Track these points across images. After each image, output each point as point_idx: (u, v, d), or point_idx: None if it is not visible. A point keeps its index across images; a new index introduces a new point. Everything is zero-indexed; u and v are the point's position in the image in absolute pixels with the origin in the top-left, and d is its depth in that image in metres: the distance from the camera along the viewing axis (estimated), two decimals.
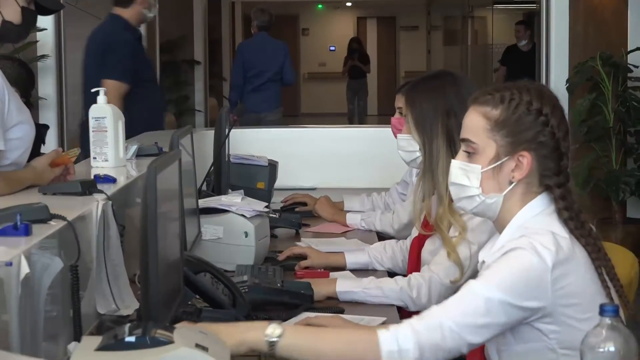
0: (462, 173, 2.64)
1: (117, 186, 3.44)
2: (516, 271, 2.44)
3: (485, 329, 2.43)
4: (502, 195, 2.60)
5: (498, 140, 2.60)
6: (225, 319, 2.88)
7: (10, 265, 2.19)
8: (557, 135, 2.59)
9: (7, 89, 3.31)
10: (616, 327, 2.02)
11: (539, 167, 2.59)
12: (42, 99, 8.53)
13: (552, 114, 2.59)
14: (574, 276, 2.48)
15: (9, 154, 3.33)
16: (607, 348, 2.00)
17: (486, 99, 2.64)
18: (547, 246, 2.46)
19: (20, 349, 2.21)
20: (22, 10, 3.37)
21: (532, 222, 2.56)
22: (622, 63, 8.26)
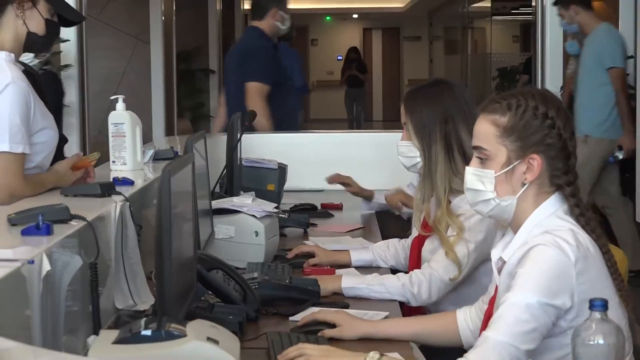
0: (477, 179, 2.63)
1: (134, 188, 3.45)
2: (545, 270, 2.42)
3: (534, 333, 2.40)
4: (516, 197, 2.58)
5: (508, 145, 2.59)
6: (236, 314, 2.89)
7: (32, 263, 2.19)
8: (564, 136, 2.59)
9: (33, 96, 3.32)
10: (605, 320, 2.02)
11: (548, 167, 2.58)
12: (65, 106, 8.55)
13: (558, 116, 2.59)
14: (593, 272, 2.47)
15: (34, 157, 3.34)
16: (596, 341, 2.00)
17: (494, 107, 2.63)
18: (568, 241, 2.45)
19: (41, 342, 2.22)
20: (46, 22, 3.38)
21: (547, 221, 2.55)
22: None
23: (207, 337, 2.06)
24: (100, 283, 2.70)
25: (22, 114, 3.23)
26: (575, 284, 2.42)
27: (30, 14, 3.34)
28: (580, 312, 2.40)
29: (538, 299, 2.40)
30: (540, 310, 2.40)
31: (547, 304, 2.40)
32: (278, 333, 2.81)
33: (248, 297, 3.06)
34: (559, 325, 2.44)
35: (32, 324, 2.21)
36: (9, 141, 3.20)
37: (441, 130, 3.43)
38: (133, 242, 3.00)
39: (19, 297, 2.17)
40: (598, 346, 1.99)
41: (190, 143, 3.46)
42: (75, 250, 2.53)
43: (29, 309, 2.20)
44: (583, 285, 2.43)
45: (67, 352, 2.34)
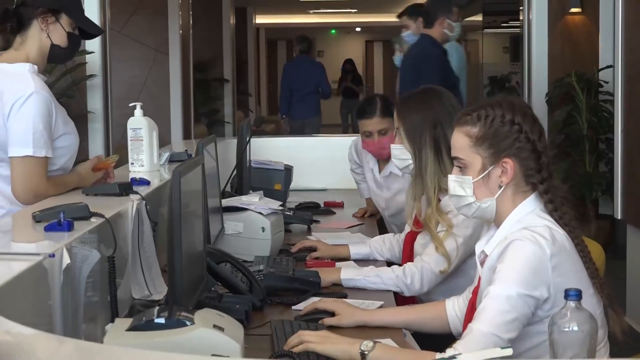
0: (458, 185, 2.64)
1: (150, 188, 3.45)
2: (522, 264, 2.42)
3: (515, 322, 2.40)
4: (494, 198, 2.59)
5: (482, 153, 2.59)
6: (243, 303, 2.89)
7: (53, 257, 2.20)
8: (532, 138, 2.59)
9: (54, 104, 3.32)
10: (579, 309, 2.02)
11: (522, 168, 2.58)
12: (90, 112, 8.56)
13: (524, 121, 2.59)
14: (568, 264, 2.47)
15: (56, 160, 3.34)
16: (571, 328, 2.00)
17: (465, 119, 2.64)
18: (544, 237, 2.45)
19: (62, 330, 2.23)
20: (68, 35, 3.38)
21: (526, 218, 2.56)
22: (594, 79, 8.28)
23: (214, 325, 2.06)
24: (118, 275, 2.71)
25: (45, 120, 3.23)
26: (552, 276, 2.42)
27: (53, 28, 3.35)
28: (556, 302, 2.39)
29: (517, 291, 2.40)
30: (520, 301, 2.40)
31: (526, 295, 2.40)
32: (281, 321, 2.82)
33: (254, 288, 3.07)
34: (537, 314, 2.44)
35: (53, 313, 2.22)
36: (32, 146, 3.20)
37: (430, 134, 3.43)
38: (149, 237, 3.01)
39: (42, 288, 2.18)
40: (573, 333, 1.99)
41: (201, 146, 3.47)
42: (94, 245, 2.54)
43: (50, 299, 2.21)
44: (559, 278, 2.43)
45: (86, 339, 2.34)
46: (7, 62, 3.34)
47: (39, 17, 3.33)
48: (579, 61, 8.62)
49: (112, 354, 1.66)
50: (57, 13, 3.35)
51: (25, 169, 3.22)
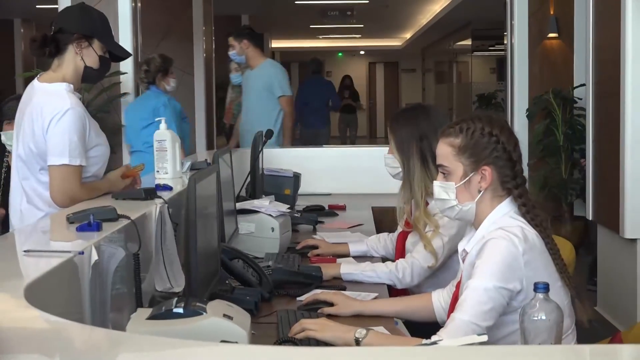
0: (442, 190, 2.64)
1: (173, 193, 3.45)
2: (498, 259, 2.42)
3: (492, 312, 2.41)
4: (474, 202, 2.59)
5: (463, 161, 2.59)
6: (253, 295, 2.89)
7: (82, 254, 2.20)
8: (508, 148, 2.59)
9: (88, 118, 3.33)
10: (547, 300, 2.02)
11: (499, 175, 2.58)
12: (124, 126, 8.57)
13: (501, 133, 2.59)
14: (538, 260, 2.47)
15: (90, 168, 3.35)
16: (540, 317, 2.00)
17: (449, 131, 2.64)
18: (517, 236, 2.44)
19: (91, 318, 2.22)
20: (100, 58, 3.39)
21: (502, 220, 2.55)
22: (569, 96, 8.26)
23: (224, 314, 2.05)
24: (143, 269, 2.70)
25: (79, 133, 3.24)
26: (524, 271, 2.42)
27: (86, 52, 3.36)
28: (528, 293, 2.38)
29: (494, 284, 2.40)
30: (496, 293, 2.40)
31: (502, 288, 2.40)
32: (286, 311, 2.81)
33: (263, 281, 3.08)
34: (511, 305, 2.44)
35: (83, 303, 2.21)
36: (68, 155, 3.21)
37: (417, 146, 3.43)
38: (170, 236, 3.00)
39: (73, 282, 2.18)
40: (541, 321, 1.99)
41: (216, 156, 3.47)
42: (121, 243, 2.54)
43: (80, 292, 2.21)
44: (530, 272, 2.42)
45: (114, 327, 2.34)
46: (47, 82, 3.36)
47: (74, 43, 3.34)
48: (555, 80, 8.62)
49: (132, 341, 1.67)
50: (90, 39, 3.36)
51: (62, 176, 3.23)
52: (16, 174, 3.36)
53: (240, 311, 2.17)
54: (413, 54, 25.18)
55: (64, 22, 3.40)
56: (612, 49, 5.53)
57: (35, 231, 2.88)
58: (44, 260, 2.14)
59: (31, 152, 3.29)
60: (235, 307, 2.18)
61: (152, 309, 2.12)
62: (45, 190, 3.27)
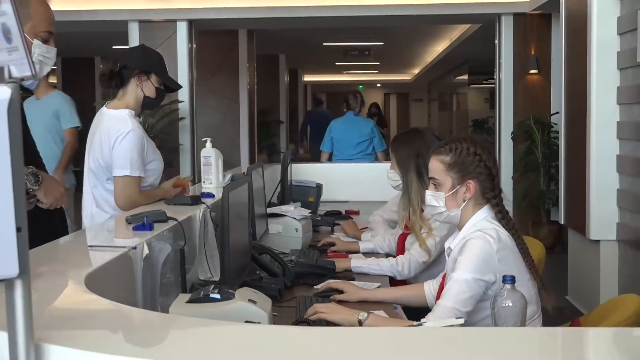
0: (433, 198, 2.62)
1: (215, 199, 3.45)
2: (476, 255, 2.40)
3: (471, 299, 2.39)
4: (460, 209, 2.57)
5: (452, 175, 2.58)
6: (277, 284, 2.89)
7: (135, 249, 2.22)
8: (489, 165, 2.57)
9: (146, 138, 3.35)
10: (513, 290, 2.00)
11: (480, 187, 2.56)
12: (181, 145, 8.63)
13: (483, 152, 2.58)
14: (510, 257, 2.44)
15: (147, 179, 3.36)
16: (507, 303, 1.99)
17: (440, 150, 2.63)
18: (491, 235, 2.43)
19: (142, 303, 2.23)
20: (156, 90, 3.41)
21: (480, 223, 2.53)
22: (547, 122, 8.23)
23: (249, 299, 2.05)
24: (188, 262, 2.71)
25: (139, 150, 3.26)
26: (497, 265, 2.40)
27: (145, 84, 3.38)
28: (500, 284, 2.37)
29: (472, 276, 2.38)
30: (474, 284, 2.38)
31: (479, 279, 2.39)
32: (304, 297, 2.81)
33: (286, 273, 3.07)
34: (487, 293, 2.42)
35: (136, 290, 2.22)
36: (130, 168, 3.23)
37: (414, 163, 3.43)
38: (211, 235, 3.01)
39: (128, 272, 2.19)
40: (508, 308, 1.98)
41: (249, 170, 3.48)
42: (169, 240, 2.54)
43: (133, 281, 2.22)
44: (503, 266, 2.40)
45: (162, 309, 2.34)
46: (113, 108, 3.38)
47: (135, 77, 3.36)
48: (535, 108, 8.58)
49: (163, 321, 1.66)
50: (149, 73, 3.38)
51: (124, 185, 3.25)
52: (87, 183, 3.38)
53: (264, 297, 2.18)
54: (420, 86, 25.14)
55: (127, 60, 3.43)
56: (581, 83, 5.50)
57: (101, 230, 2.90)
58: (103, 254, 2.15)
59: (100, 165, 3.31)
60: (259, 294, 2.18)
61: (191, 294, 2.14)
62: (111, 196, 3.29)
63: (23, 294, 1.22)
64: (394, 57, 17.37)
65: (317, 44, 14.07)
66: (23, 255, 1.19)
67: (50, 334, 1.31)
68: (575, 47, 5.68)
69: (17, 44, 1.18)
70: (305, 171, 5.56)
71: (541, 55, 8.78)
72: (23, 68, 1.20)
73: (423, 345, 1.36)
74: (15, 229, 1.17)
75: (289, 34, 11.74)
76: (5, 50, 1.20)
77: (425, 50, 16.20)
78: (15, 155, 1.18)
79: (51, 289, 1.74)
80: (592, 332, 1.61)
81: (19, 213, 1.18)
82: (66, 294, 1.73)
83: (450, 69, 18.69)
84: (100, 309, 1.62)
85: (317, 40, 13.54)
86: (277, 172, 4.98)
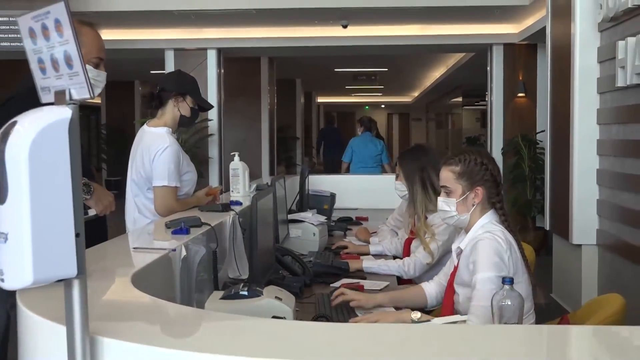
0: (445, 204, 2.57)
1: (242, 207, 3.43)
2: (491, 255, 2.35)
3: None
4: (469, 213, 2.53)
5: (462, 183, 2.54)
6: (298, 282, 2.86)
7: (174, 250, 2.20)
8: (494, 174, 2.54)
9: (181, 152, 3.33)
10: (512, 290, 1.97)
11: (487, 194, 2.52)
12: (210, 158, 8.64)
13: (489, 162, 2.54)
14: (515, 256, 2.40)
15: (183, 188, 3.34)
16: (506, 302, 1.95)
17: (450, 161, 2.58)
18: (500, 236, 2.39)
19: (180, 299, 2.21)
20: (191, 109, 3.40)
21: (487, 225, 2.49)
22: (533, 139, 8.22)
23: (275, 296, 2.04)
24: (219, 262, 2.68)
25: (175, 163, 3.24)
26: (507, 263, 2.35)
27: (182, 105, 3.36)
28: None
29: (494, 274, 2.31)
30: (497, 280, 2.28)
31: (497, 276, 2.31)
32: (322, 294, 2.78)
33: (306, 272, 3.05)
34: None
35: (175, 287, 2.20)
36: (167, 179, 3.21)
37: (419, 175, 3.40)
38: (240, 238, 2.98)
39: (168, 271, 2.17)
40: (507, 306, 1.95)
41: (273, 181, 3.46)
42: (203, 243, 2.51)
43: (173, 278, 2.20)
44: (510, 264, 2.36)
45: (197, 304, 2.32)
46: (153, 126, 3.37)
47: (173, 98, 3.35)
48: (523, 127, 8.57)
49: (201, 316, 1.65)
50: (184, 95, 3.37)
51: (163, 194, 3.23)
52: (130, 191, 3.37)
53: (288, 294, 2.16)
54: (420, 107, 25.12)
55: (165, 83, 3.42)
56: (565, 106, 5.46)
57: (142, 233, 2.88)
58: (146, 255, 2.13)
59: (141, 177, 3.30)
60: (284, 291, 2.16)
61: (224, 291, 2.12)
62: (151, 204, 3.27)
63: (80, 292, 1.21)
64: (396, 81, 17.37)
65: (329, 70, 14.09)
66: (81, 257, 1.18)
67: (103, 327, 1.29)
68: (560, 74, 5.64)
69: (78, 69, 1.17)
70: (320, 182, 5.54)
71: (528, 80, 8.76)
72: (82, 91, 1.19)
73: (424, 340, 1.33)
74: (75, 234, 1.16)
75: (304, 60, 11.76)
76: (67, 75, 1.19)
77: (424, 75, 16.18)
78: (74, 169, 1.17)
79: (101, 287, 1.72)
80: (576, 329, 1.58)
81: (78, 220, 1.17)
82: (115, 290, 1.71)
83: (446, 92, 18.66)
84: (145, 304, 1.60)
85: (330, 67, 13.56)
86: (295, 183, 4.96)
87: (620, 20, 4.75)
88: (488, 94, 9.07)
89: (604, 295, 2.56)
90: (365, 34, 8.72)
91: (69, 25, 1.15)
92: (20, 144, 1.13)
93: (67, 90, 1.20)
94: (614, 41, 4.76)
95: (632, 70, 4.44)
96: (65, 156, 1.15)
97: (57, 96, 1.21)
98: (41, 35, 1.22)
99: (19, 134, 1.13)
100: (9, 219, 1.14)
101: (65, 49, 1.18)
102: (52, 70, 1.23)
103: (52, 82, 1.24)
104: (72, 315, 1.21)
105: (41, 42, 1.23)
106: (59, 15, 1.16)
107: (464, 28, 8.51)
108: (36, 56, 1.26)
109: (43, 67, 1.25)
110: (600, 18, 5.01)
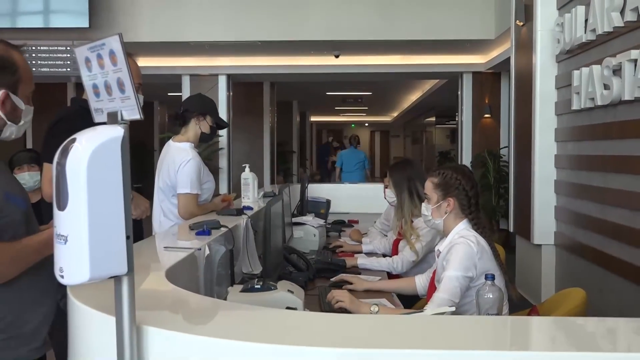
0: (425, 209, 2.58)
1: (253, 211, 3.42)
2: (461, 257, 2.35)
3: (459, 292, 2.32)
4: (442, 219, 2.53)
5: (437, 193, 2.54)
6: (303, 277, 2.84)
7: (200, 250, 2.18)
8: (466, 188, 2.52)
9: (202, 164, 3.31)
10: (493, 285, 1.97)
11: (458, 204, 2.52)
12: (220, 168, 8.60)
13: (462, 178, 2.53)
14: (486, 257, 2.39)
15: (203, 195, 3.32)
16: (488, 295, 1.95)
17: (433, 173, 2.59)
18: (473, 241, 2.38)
19: (204, 291, 2.19)
20: (210, 127, 3.39)
21: (462, 231, 2.48)
22: (497, 154, 8.23)
23: (288, 289, 2.02)
24: (235, 259, 2.67)
25: (197, 174, 3.23)
26: (477, 264, 2.36)
27: (202, 123, 3.35)
28: (479, 279, 2.33)
29: (461, 273, 2.32)
30: (462, 279, 2.32)
31: (464, 276, 2.33)
32: (324, 287, 2.77)
33: (309, 268, 3.03)
34: (469, 286, 2.37)
35: (199, 282, 2.18)
36: (190, 187, 3.20)
37: (407, 184, 3.40)
38: (252, 238, 2.97)
39: (193, 268, 2.15)
40: (489, 298, 1.94)
41: (281, 189, 3.44)
42: (222, 243, 2.50)
43: (198, 274, 2.18)
44: (481, 265, 2.36)
45: (217, 296, 2.30)
46: (177, 142, 3.35)
47: (195, 117, 3.34)
48: (489, 144, 8.59)
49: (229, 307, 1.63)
50: (205, 115, 3.36)
51: (186, 200, 3.21)
52: (157, 198, 3.34)
53: (298, 288, 2.14)
54: (398, 125, 25.14)
55: (188, 105, 3.41)
56: (527, 125, 5.48)
57: (168, 235, 2.85)
58: (177, 253, 2.11)
59: (167, 185, 3.28)
60: (295, 285, 2.14)
61: (242, 285, 2.09)
62: (175, 209, 3.26)
63: (129, 288, 1.19)
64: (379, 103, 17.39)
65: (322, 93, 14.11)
66: (130, 257, 1.16)
67: (147, 317, 1.27)
68: (523, 98, 5.66)
69: (130, 94, 1.16)
70: (317, 190, 5.53)
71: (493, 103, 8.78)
72: (132, 112, 1.18)
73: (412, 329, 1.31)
74: (125, 237, 1.14)
75: (301, 85, 11.77)
76: (119, 98, 1.18)
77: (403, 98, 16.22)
78: (125, 180, 1.15)
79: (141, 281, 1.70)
80: (539, 320, 1.57)
81: (128, 224, 1.15)
82: (153, 284, 1.70)
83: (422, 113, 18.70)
84: (180, 296, 1.59)
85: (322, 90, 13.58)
86: (295, 190, 4.95)
87: (575, 52, 4.78)
88: (458, 114, 9.09)
89: (568, 289, 2.56)
90: (354, 62, 8.74)
91: (123, 56, 1.14)
92: (79, 158, 1.11)
93: (119, 111, 1.19)
94: (570, 70, 4.78)
95: (586, 96, 4.46)
96: (118, 169, 1.14)
97: (109, 117, 1.20)
98: (96, 63, 1.21)
99: (78, 149, 1.12)
100: (69, 223, 1.12)
101: (118, 76, 1.17)
102: (105, 94, 1.22)
103: (105, 104, 1.23)
104: (122, 307, 1.19)
105: (96, 70, 1.22)
106: (113, 47, 1.15)
107: (438, 58, 8.53)
108: (91, 82, 1.24)
109: (97, 92, 1.24)
110: (557, 51, 5.04)
